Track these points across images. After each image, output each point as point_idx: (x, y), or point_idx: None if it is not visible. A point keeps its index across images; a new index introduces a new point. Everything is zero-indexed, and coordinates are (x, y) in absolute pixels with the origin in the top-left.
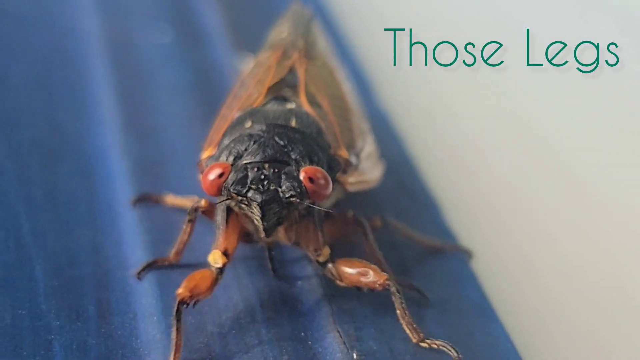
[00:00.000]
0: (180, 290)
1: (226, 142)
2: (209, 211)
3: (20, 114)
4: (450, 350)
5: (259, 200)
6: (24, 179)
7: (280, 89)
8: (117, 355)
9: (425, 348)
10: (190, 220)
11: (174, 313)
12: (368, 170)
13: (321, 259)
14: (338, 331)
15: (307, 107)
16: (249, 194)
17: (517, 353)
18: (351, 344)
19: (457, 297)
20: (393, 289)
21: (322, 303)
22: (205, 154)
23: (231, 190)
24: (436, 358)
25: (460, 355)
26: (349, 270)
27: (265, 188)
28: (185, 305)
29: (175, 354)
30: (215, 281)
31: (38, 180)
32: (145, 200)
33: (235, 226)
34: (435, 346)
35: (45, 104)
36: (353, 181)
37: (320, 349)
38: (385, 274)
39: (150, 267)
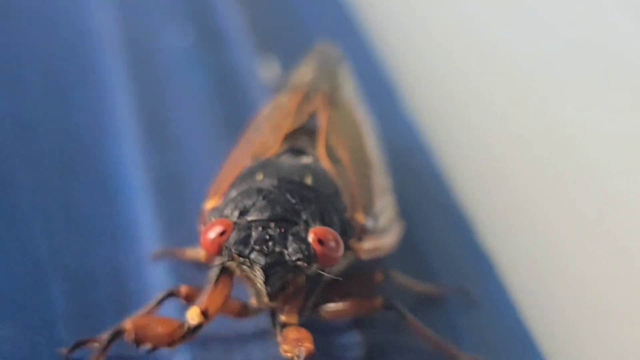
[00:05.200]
0: (126, 323)
1: (233, 194)
2: (192, 296)
3: (36, 123)
4: None
5: (263, 263)
6: (40, 192)
7: (298, 138)
8: None
9: None
10: (160, 300)
11: (105, 337)
12: (386, 235)
13: (283, 318)
14: None
15: (325, 163)
16: (252, 256)
17: None
18: None
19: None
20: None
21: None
22: (209, 204)
23: (232, 250)
24: None
25: None
26: (290, 335)
27: (270, 250)
28: (122, 338)
29: None
30: (182, 337)
31: (55, 195)
32: (166, 256)
33: (225, 288)
34: None
35: (62, 111)
36: (368, 249)
37: None
38: (311, 347)
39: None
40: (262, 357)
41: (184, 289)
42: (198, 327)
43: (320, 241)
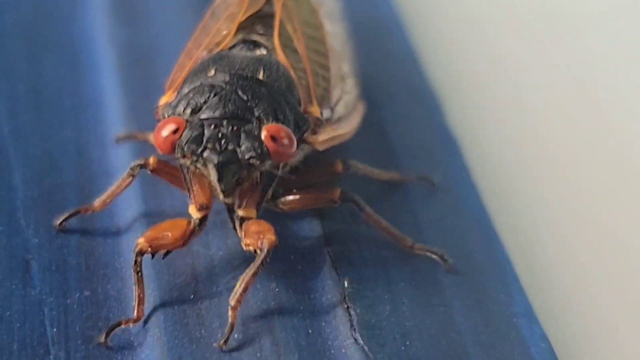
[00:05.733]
0: (139, 240)
1: (185, 90)
2: (159, 170)
3: None
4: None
5: (216, 161)
6: (7, 72)
7: (254, 26)
8: (98, 275)
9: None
10: (131, 175)
11: (132, 264)
12: (344, 123)
13: (241, 213)
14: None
15: (279, 54)
16: (205, 154)
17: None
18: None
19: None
20: (262, 255)
21: (321, 249)
22: (164, 99)
23: (185, 149)
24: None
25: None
26: (251, 228)
27: (223, 148)
28: (145, 255)
29: (138, 307)
30: (191, 232)
31: (22, 73)
32: (131, 138)
33: (204, 180)
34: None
35: None
36: (324, 139)
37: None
38: (273, 238)
39: (72, 216)
40: (220, 246)
41: (152, 160)
42: (204, 218)
43: (273, 138)
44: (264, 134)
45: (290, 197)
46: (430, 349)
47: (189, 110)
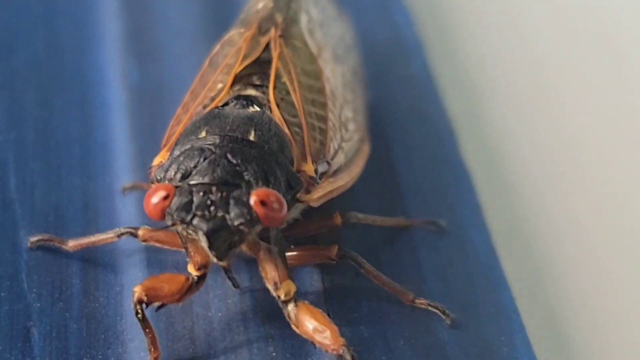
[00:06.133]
0: (135, 288)
1: (177, 152)
2: (149, 239)
3: (18, 33)
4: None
5: (205, 229)
6: (16, 118)
7: (250, 76)
8: (99, 340)
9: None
10: (116, 236)
11: (134, 313)
12: (344, 173)
13: (282, 297)
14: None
15: (274, 110)
16: (194, 222)
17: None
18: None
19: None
20: (347, 358)
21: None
22: (158, 159)
23: (174, 216)
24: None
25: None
26: (307, 323)
27: (212, 215)
28: (144, 305)
29: (152, 353)
30: (189, 289)
31: (31, 119)
32: (137, 188)
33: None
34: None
35: (45, 18)
36: (319, 195)
37: None
38: (341, 339)
39: (44, 242)
40: (220, 307)
41: (142, 232)
42: (202, 277)
43: (262, 203)
44: (253, 200)
45: (288, 254)
46: None
47: (179, 176)
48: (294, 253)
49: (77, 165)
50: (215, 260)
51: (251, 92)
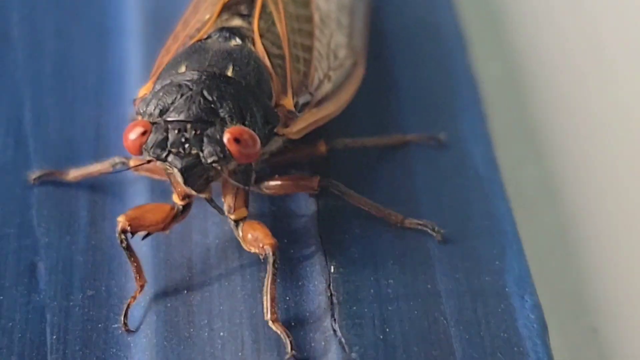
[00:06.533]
0: (119, 218)
1: (157, 87)
2: (138, 168)
3: None
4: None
5: (179, 166)
6: (35, 50)
7: (238, 5)
8: (103, 272)
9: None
10: (111, 166)
11: (119, 242)
12: (330, 102)
13: (232, 218)
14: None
15: (257, 42)
16: (169, 159)
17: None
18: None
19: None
20: (271, 260)
21: (313, 229)
22: (143, 90)
23: (150, 153)
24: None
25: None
26: (248, 235)
27: (187, 152)
28: (128, 234)
29: (138, 281)
30: (174, 217)
31: (50, 50)
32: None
33: None
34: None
35: None
36: (300, 128)
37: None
38: (270, 241)
39: (46, 177)
40: (218, 234)
41: (133, 162)
42: (187, 206)
43: (236, 140)
44: (226, 137)
45: (272, 183)
46: (409, 334)
47: (157, 111)
48: (277, 183)
49: (92, 97)
50: (194, 194)
51: (237, 22)
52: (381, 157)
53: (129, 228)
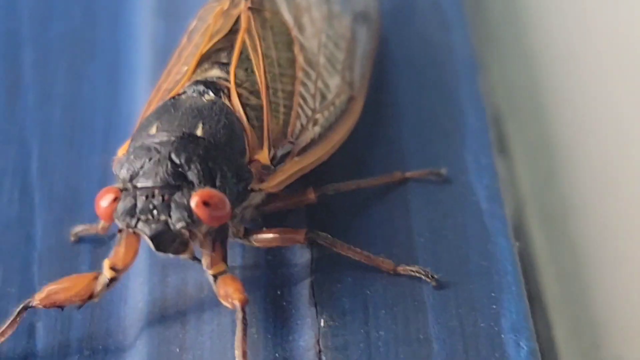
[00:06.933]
0: (35, 296)
1: (131, 149)
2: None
3: (55, 5)
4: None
5: (148, 233)
6: (46, 95)
7: (219, 51)
8: (101, 330)
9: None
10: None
11: (16, 312)
12: (318, 146)
13: (210, 272)
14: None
15: (232, 94)
16: (138, 226)
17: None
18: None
19: None
20: (239, 315)
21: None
22: (121, 150)
23: (120, 221)
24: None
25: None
26: (221, 290)
27: (155, 219)
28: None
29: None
30: (91, 295)
31: (60, 94)
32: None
33: (132, 243)
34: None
35: None
36: (280, 180)
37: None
38: (239, 296)
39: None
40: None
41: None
42: (114, 279)
43: (205, 203)
44: (194, 201)
45: (261, 236)
46: None
47: (128, 176)
48: (266, 236)
49: (99, 141)
50: (171, 256)
51: (215, 72)
52: (378, 195)
53: (40, 306)
